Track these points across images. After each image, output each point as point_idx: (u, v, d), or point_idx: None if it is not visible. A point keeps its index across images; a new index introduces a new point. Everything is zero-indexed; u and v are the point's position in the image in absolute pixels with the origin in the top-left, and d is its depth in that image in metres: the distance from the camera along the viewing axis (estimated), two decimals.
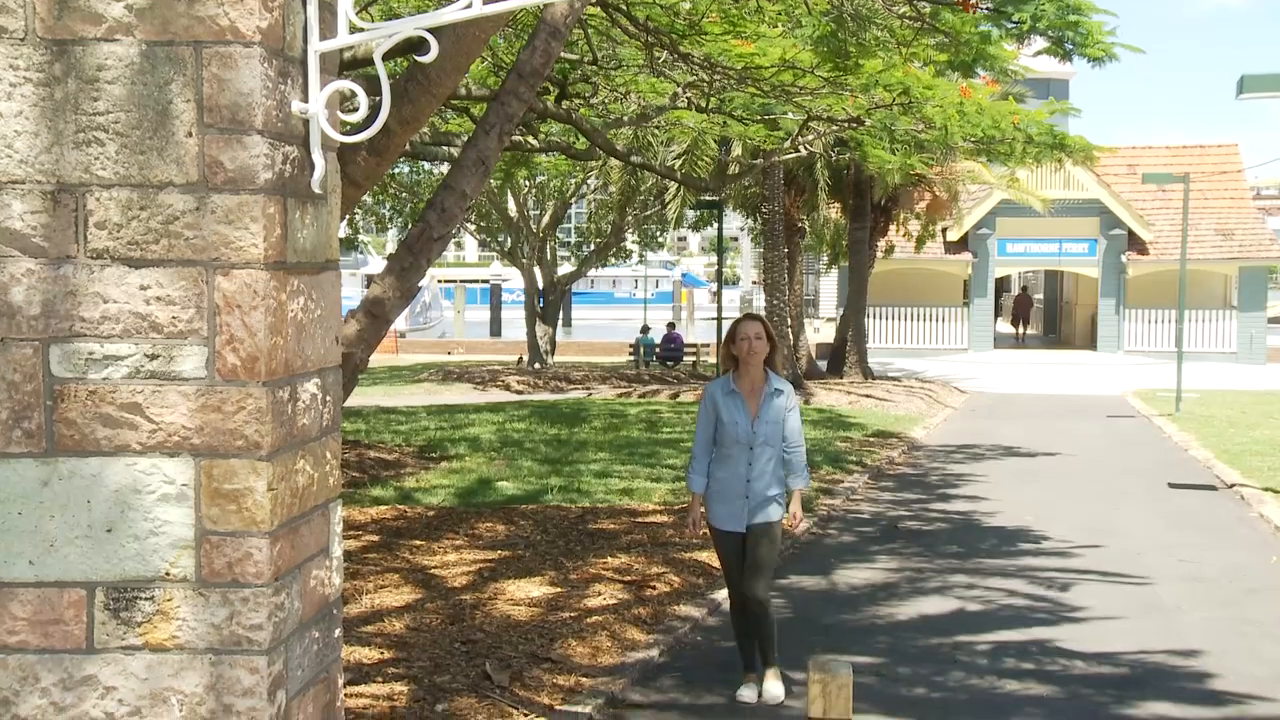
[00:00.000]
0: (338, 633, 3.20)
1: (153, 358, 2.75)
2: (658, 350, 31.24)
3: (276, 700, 2.81)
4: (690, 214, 31.01)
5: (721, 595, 7.68)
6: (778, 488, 6.31)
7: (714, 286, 31.20)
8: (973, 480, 13.91)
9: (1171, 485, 13.56)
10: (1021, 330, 41.72)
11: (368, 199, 28.25)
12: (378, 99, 3.06)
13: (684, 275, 67.68)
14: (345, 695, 5.20)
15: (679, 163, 21.16)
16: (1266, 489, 12.84)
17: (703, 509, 6.40)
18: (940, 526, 11.21)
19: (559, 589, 8.10)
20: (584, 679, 6.45)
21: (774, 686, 6.32)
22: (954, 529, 11.07)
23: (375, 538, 9.51)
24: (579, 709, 6.01)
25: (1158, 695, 6.54)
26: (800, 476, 6.35)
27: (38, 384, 2.75)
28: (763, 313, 24.28)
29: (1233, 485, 13.33)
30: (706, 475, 6.36)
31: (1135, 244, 34.46)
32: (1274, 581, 9.20)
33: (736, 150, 21.32)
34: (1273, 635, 7.72)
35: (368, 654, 6.54)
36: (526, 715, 5.87)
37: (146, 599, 2.77)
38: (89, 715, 2.78)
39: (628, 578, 8.45)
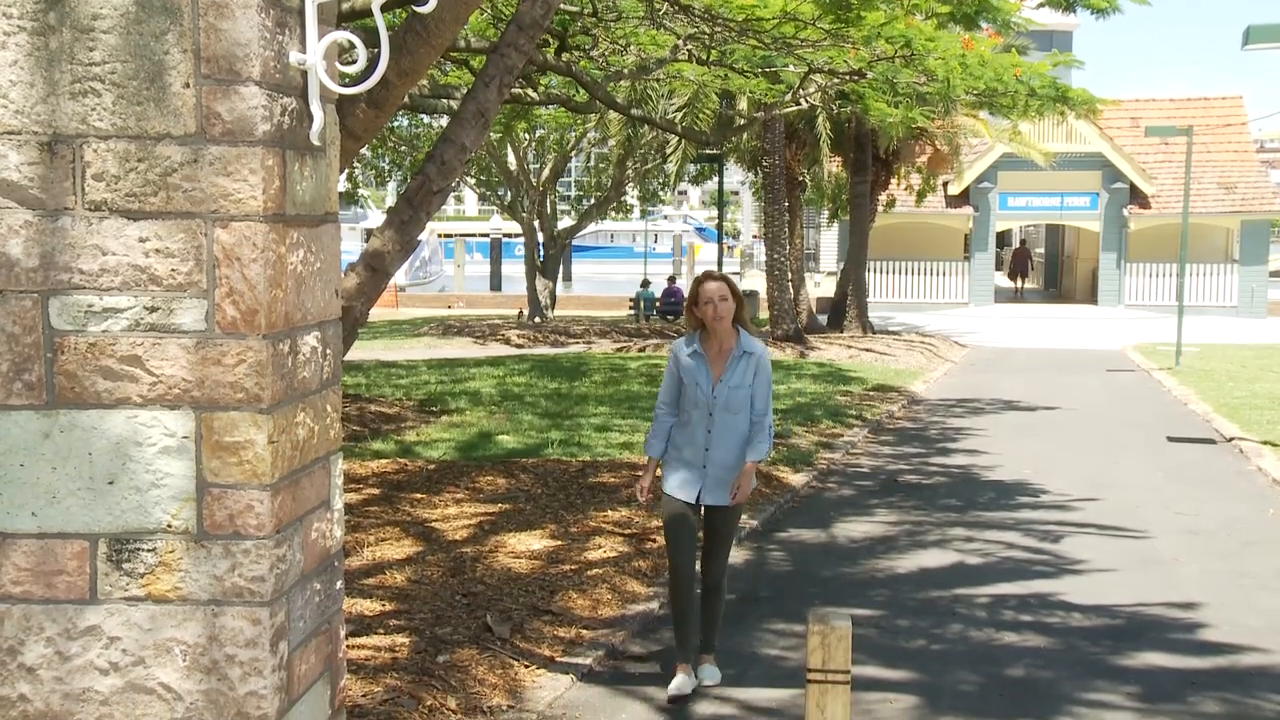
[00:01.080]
0: (339, 584, 3.21)
1: (152, 310, 2.74)
2: (658, 304, 31.21)
3: (279, 651, 2.82)
4: (691, 168, 30.89)
5: None
6: (744, 460, 5.76)
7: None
8: (972, 434, 13.94)
9: (1170, 439, 13.59)
10: (1020, 284, 41.58)
11: (366, 152, 28.12)
12: (376, 50, 3.03)
13: (698, 228, 66.71)
14: (347, 647, 5.24)
15: (680, 116, 21.03)
16: (1265, 442, 12.88)
17: (657, 475, 5.93)
18: (939, 480, 11.25)
19: (559, 542, 8.14)
20: (584, 631, 6.50)
21: (710, 671, 5.85)
22: (953, 483, 11.11)
23: (376, 491, 9.54)
24: (579, 660, 6.06)
25: (1154, 646, 6.59)
26: (757, 448, 5.74)
27: (37, 336, 2.75)
28: (763, 267, 24.27)
29: (1231, 439, 13.37)
30: (666, 440, 5.87)
31: (1137, 197, 34.33)
32: (1271, 534, 9.24)
33: (741, 104, 21.16)
34: (1269, 587, 7.77)
35: (369, 606, 6.58)
36: (527, 667, 5.92)
37: (148, 550, 2.78)
38: (93, 665, 2.80)
39: (628, 531, 8.49)
